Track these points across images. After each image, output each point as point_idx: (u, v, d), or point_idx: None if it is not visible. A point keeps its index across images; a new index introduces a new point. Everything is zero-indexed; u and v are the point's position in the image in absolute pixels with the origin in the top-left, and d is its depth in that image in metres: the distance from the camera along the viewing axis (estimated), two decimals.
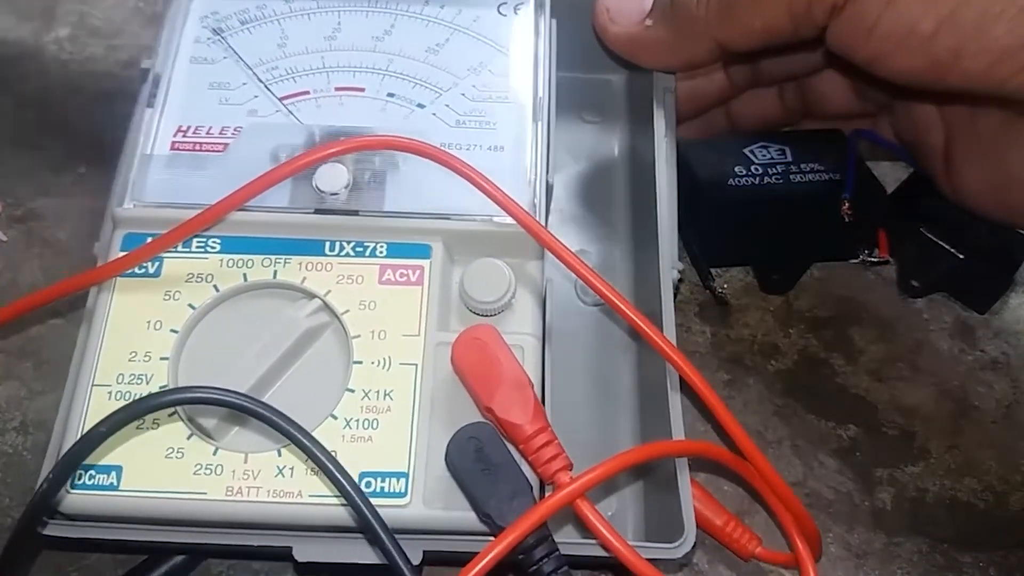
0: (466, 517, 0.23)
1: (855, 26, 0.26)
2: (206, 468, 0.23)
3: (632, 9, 0.30)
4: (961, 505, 0.30)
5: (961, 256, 0.33)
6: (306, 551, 0.23)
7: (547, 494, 0.23)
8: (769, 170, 0.34)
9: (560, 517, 0.24)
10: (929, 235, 0.34)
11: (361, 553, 0.23)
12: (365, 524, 0.22)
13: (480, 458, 0.23)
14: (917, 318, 0.35)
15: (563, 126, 0.30)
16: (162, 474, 0.23)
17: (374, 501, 0.22)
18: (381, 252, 0.26)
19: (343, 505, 0.22)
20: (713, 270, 0.34)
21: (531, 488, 0.23)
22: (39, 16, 0.43)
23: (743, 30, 0.28)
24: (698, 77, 0.35)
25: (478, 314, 0.26)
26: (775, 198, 0.33)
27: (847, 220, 0.33)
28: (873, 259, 0.35)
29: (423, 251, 0.26)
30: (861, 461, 0.31)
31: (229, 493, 0.23)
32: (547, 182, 0.27)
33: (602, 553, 0.23)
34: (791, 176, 0.34)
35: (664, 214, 0.29)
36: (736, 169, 0.34)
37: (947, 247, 0.33)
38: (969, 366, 0.34)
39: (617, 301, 0.24)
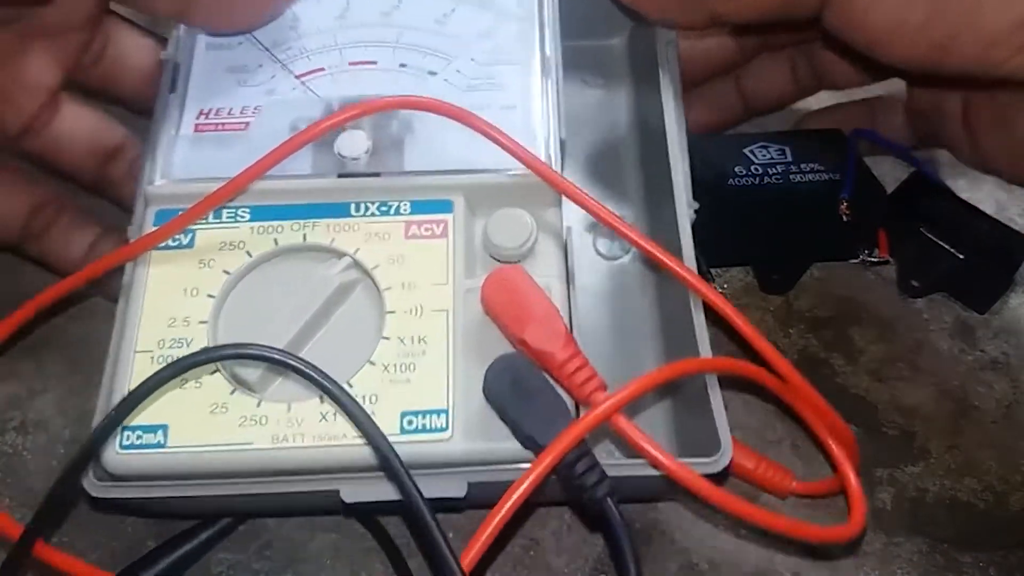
0: (507, 447, 0.24)
1: (847, 14, 0.26)
2: (251, 420, 0.24)
3: None
4: (961, 505, 0.30)
5: (961, 256, 0.33)
6: (354, 492, 0.24)
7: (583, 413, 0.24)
8: (769, 170, 0.34)
9: (598, 441, 0.25)
10: (929, 235, 0.34)
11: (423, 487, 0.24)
12: (384, 461, 0.23)
13: (516, 386, 0.24)
14: (917, 318, 0.35)
15: (567, 93, 0.30)
16: (208, 429, 0.24)
17: (417, 438, 0.24)
18: (405, 210, 0.27)
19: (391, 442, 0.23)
20: (713, 270, 0.34)
21: (568, 408, 0.24)
22: None
23: (736, 4, 0.28)
24: (706, 38, 0.35)
25: (502, 261, 0.27)
26: (775, 198, 0.33)
27: (845, 220, 0.33)
28: (873, 259, 0.35)
29: (445, 206, 0.27)
30: (861, 461, 0.31)
31: (275, 441, 0.24)
32: (560, 138, 0.28)
33: (644, 472, 0.24)
34: (791, 176, 0.34)
35: (676, 154, 0.30)
36: (736, 169, 0.34)
37: (947, 247, 0.33)
38: (969, 366, 0.34)
39: (632, 235, 0.26)
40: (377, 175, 0.27)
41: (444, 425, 0.24)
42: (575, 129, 0.34)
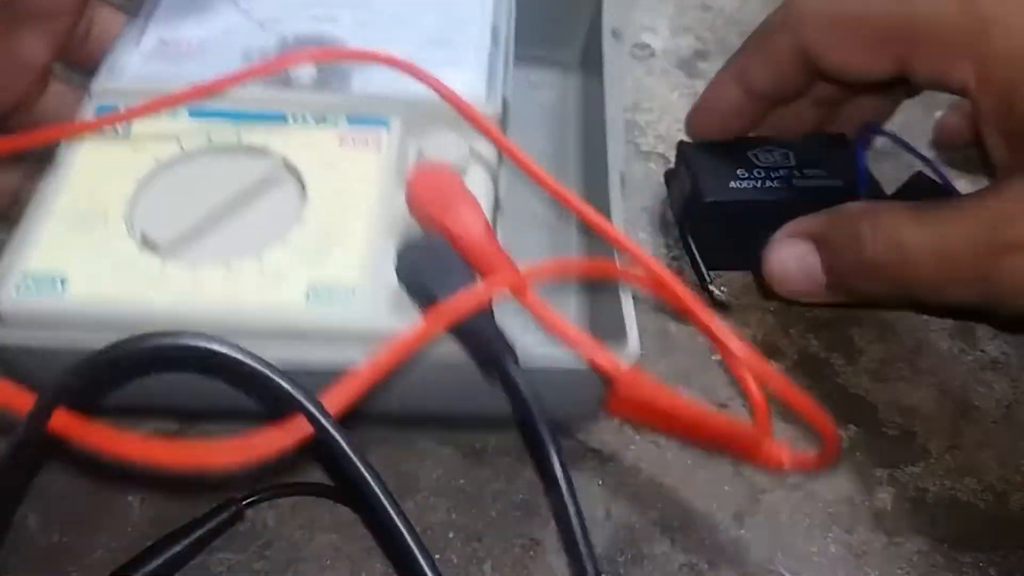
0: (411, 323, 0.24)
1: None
2: (155, 279, 0.24)
3: (801, 279, 0.32)
4: (961, 505, 0.30)
5: None
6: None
7: None
8: (772, 174, 0.34)
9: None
10: None
11: (309, 355, 0.23)
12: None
13: (430, 262, 0.24)
14: (917, 318, 0.35)
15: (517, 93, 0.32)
16: (109, 283, 0.24)
17: (322, 308, 0.24)
18: (341, 123, 0.28)
19: (290, 312, 0.23)
20: (713, 273, 0.34)
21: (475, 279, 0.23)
22: None
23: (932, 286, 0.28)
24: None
25: None
26: (776, 202, 0.33)
27: None
28: None
29: (382, 121, 0.28)
30: (861, 461, 0.31)
31: (176, 300, 0.24)
32: (504, 97, 0.30)
33: (554, 357, 0.23)
34: (793, 180, 0.34)
35: (612, 116, 0.32)
36: (738, 172, 0.34)
37: None
38: (969, 366, 0.34)
39: (551, 183, 0.26)
40: (320, 91, 0.29)
41: (350, 298, 0.24)
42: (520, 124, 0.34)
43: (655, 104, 0.43)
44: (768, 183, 0.34)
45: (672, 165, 0.37)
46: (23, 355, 0.24)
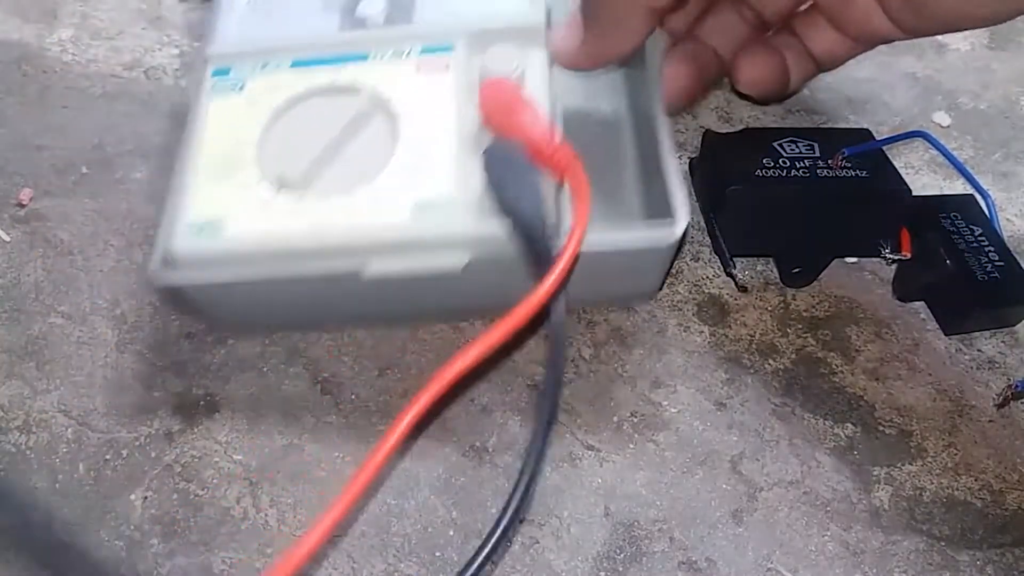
0: (504, 224, 0.28)
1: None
2: (293, 212, 0.28)
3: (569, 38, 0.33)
4: (958, 504, 0.31)
5: (951, 273, 0.33)
6: (374, 267, 0.28)
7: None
8: (796, 163, 0.34)
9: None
10: (932, 241, 0.34)
11: (418, 261, 0.28)
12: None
13: (506, 162, 0.28)
14: (914, 317, 0.35)
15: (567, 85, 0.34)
16: (258, 221, 0.28)
17: (425, 218, 0.28)
18: (414, 52, 0.32)
19: (402, 228, 0.28)
20: (735, 259, 0.35)
21: (541, 185, 0.28)
22: (42, 18, 0.43)
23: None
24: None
25: None
26: (800, 191, 0.34)
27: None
28: (895, 257, 0.35)
29: (448, 48, 0.32)
30: (858, 460, 0.31)
31: (313, 232, 0.28)
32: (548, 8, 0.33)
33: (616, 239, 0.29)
34: (818, 171, 0.34)
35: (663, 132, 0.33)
36: (764, 161, 0.34)
37: (944, 260, 0.34)
38: (966, 365, 0.34)
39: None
40: (391, 26, 0.33)
41: (449, 208, 0.28)
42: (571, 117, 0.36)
43: None
44: (793, 172, 0.34)
45: (681, 159, 0.37)
46: (196, 292, 0.30)
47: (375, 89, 0.31)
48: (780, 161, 0.34)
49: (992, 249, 0.34)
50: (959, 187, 0.38)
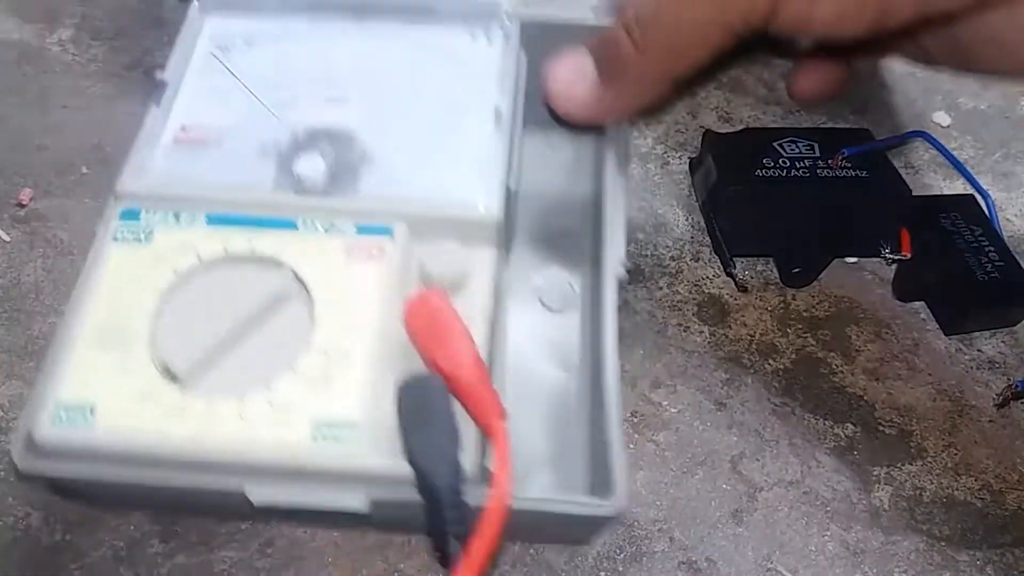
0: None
1: (795, 18, 0.27)
2: (174, 410, 0.25)
3: (577, 85, 0.31)
4: (958, 504, 0.31)
5: (953, 274, 0.33)
6: (262, 493, 0.25)
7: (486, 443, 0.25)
8: (796, 163, 0.34)
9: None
10: (932, 241, 0.34)
11: (314, 496, 0.25)
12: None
13: (423, 404, 0.24)
14: (914, 317, 0.35)
15: (535, 154, 0.33)
16: (133, 413, 0.25)
17: (325, 447, 0.24)
18: (349, 230, 0.28)
19: (296, 451, 0.24)
20: (735, 259, 0.35)
21: (458, 444, 0.24)
22: (42, 18, 0.43)
23: (689, 63, 0.29)
24: None
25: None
26: (799, 190, 0.34)
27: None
28: (895, 257, 0.35)
29: (387, 231, 0.28)
30: (858, 460, 0.31)
31: (193, 435, 0.24)
32: (508, 186, 0.29)
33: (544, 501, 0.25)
34: (818, 171, 0.34)
35: (611, 218, 0.31)
36: (764, 160, 0.34)
37: (946, 259, 0.34)
38: (966, 365, 0.34)
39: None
40: (328, 196, 0.29)
41: (354, 438, 0.24)
42: (538, 187, 0.35)
43: None
44: (793, 172, 0.34)
45: (681, 159, 0.37)
46: (57, 483, 0.26)
47: (296, 268, 0.27)
48: (780, 161, 0.34)
49: (992, 249, 0.34)
50: (959, 187, 0.38)
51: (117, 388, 0.25)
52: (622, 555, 0.29)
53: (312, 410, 0.25)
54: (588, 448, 0.29)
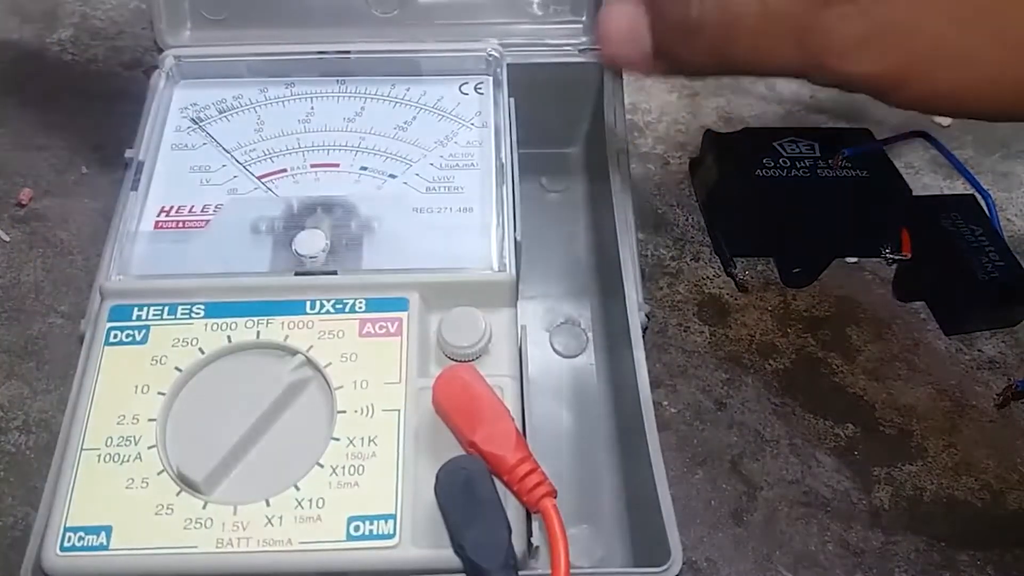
0: (454, 555, 0.23)
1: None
2: (196, 522, 0.23)
3: (628, 40, 0.29)
4: (958, 504, 0.31)
5: (953, 273, 0.33)
6: None
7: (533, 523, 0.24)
8: (797, 163, 0.34)
9: None
10: (932, 242, 0.34)
11: None
12: None
13: (467, 490, 0.23)
14: (914, 318, 0.35)
15: (528, 196, 0.32)
16: (152, 531, 0.23)
17: (363, 544, 0.23)
18: (360, 307, 0.27)
19: (332, 551, 0.23)
20: (736, 259, 0.35)
21: (509, 530, 0.22)
22: (42, 18, 0.43)
23: (751, 72, 0.26)
24: None
25: (456, 360, 0.26)
26: (800, 190, 0.34)
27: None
28: (895, 257, 0.35)
29: (401, 304, 0.27)
30: (859, 460, 0.31)
31: (220, 545, 0.23)
32: (516, 239, 0.28)
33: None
34: (818, 171, 0.34)
35: (627, 258, 0.30)
36: (764, 160, 0.34)
37: (943, 258, 0.34)
38: (966, 365, 0.34)
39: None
40: (334, 273, 0.27)
41: (391, 532, 0.23)
42: (535, 230, 0.34)
43: (653, 105, 0.43)
44: (793, 172, 0.34)
45: (681, 159, 0.37)
46: None
47: (308, 353, 0.25)
48: (780, 161, 0.34)
49: (992, 249, 0.34)
50: (959, 187, 0.38)
51: (131, 503, 0.23)
52: None
53: (345, 506, 0.23)
54: (618, 495, 0.29)
